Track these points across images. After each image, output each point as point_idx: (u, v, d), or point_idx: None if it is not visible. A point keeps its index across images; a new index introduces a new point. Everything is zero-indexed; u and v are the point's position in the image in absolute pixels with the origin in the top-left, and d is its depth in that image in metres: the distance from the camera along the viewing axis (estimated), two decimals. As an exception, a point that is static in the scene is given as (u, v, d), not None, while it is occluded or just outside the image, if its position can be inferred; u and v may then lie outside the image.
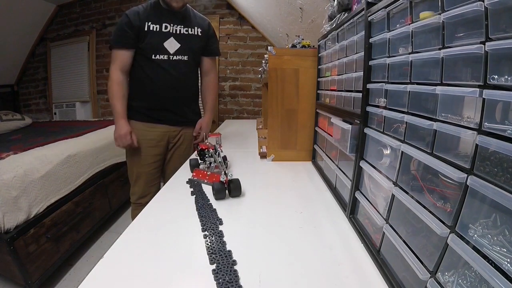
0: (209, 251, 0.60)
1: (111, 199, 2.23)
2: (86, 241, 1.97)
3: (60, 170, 1.72)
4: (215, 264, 0.56)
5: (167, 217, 0.76)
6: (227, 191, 0.89)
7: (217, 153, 1.04)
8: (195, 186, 0.97)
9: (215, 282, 0.51)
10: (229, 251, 0.60)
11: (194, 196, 0.90)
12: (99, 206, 2.08)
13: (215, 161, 1.04)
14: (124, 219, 2.40)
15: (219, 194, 0.87)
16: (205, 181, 1.00)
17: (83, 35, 3.34)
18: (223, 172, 0.90)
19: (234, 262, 0.57)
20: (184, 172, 1.13)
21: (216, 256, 0.58)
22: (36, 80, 3.60)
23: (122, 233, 0.67)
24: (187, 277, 0.54)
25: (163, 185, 1.03)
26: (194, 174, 1.06)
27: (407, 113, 0.50)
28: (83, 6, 3.31)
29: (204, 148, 1.12)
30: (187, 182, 1.02)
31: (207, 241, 0.64)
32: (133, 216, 1.52)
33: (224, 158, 1.07)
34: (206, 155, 1.09)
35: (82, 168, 1.93)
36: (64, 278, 1.71)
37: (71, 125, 2.75)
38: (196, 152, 1.19)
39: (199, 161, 1.15)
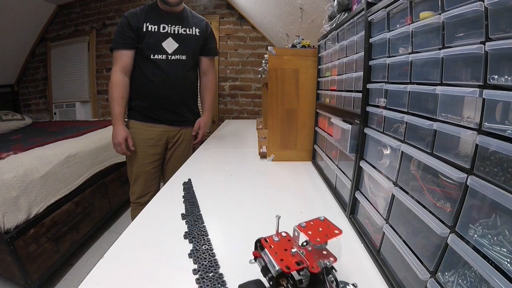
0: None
1: (111, 199, 2.23)
2: (86, 241, 1.97)
3: (60, 170, 1.72)
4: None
5: (167, 217, 0.76)
6: None
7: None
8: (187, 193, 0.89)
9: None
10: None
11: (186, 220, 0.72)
12: (99, 206, 2.08)
13: None
14: (124, 219, 2.40)
15: None
16: None
17: (83, 35, 3.33)
18: None
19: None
20: (184, 172, 1.13)
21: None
22: (36, 80, 3.60)
23: (122, 233, 0.67)
24: (187, 277, 0.54)
25: (163, 185, 1.02)
26: None
27: (407, 113, 0.50)
28: (83, 6, 3.31)
29: (291, 271, 0.40)
30: (184, 184, 0.98)
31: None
32: (133, 216, 1.52)
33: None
34: None
35: (82, 168, 1.93)
36: (64, 278, 1.71)
37: (71, 125, 2.75)
38: (260, 270, 0.46)
39: None
